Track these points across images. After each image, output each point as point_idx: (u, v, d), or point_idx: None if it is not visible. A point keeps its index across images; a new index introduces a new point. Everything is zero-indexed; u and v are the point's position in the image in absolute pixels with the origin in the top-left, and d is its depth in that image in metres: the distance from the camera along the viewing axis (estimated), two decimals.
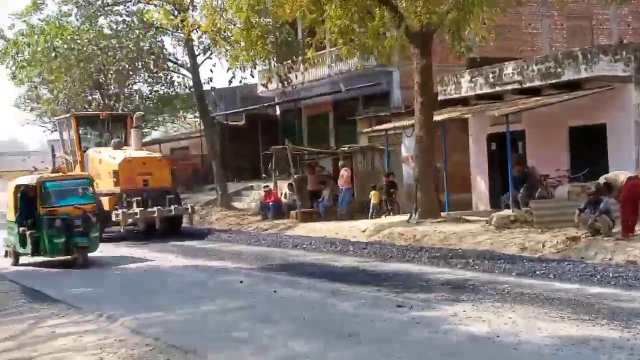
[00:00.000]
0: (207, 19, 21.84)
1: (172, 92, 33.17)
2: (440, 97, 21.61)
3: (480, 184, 21.38)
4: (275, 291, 10.98)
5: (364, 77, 27.70)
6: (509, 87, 19.64)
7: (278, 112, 34.94)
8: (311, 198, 23.48)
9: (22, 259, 16.30)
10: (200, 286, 12.07)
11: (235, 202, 28.63)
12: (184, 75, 31.77)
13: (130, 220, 20.94)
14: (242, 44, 20.99)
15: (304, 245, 17.55)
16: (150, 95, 33.50)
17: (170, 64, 31.58)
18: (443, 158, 20.38)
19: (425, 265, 13.29)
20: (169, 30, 29.25)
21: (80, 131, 24.39)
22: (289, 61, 26.05)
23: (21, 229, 15.55)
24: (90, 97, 31.84)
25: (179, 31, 27.91)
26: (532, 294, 9.67)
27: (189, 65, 29.50)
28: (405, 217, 19.03)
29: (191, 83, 30.26)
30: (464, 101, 21.56)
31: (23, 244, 15.65)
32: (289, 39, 25.45)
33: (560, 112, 18.09)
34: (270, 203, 23.55)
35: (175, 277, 13.52)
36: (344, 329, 8.05)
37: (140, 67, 30.65)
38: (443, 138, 20.35)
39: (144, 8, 29.98)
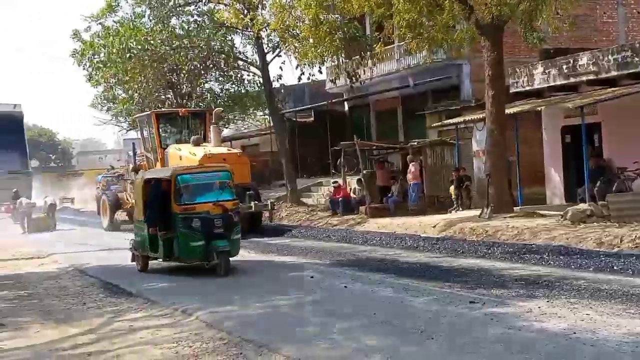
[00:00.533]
0: (276, 16, 22.09)
1: (242, 90, 33.57)
2: (512, 90, 21.24)
3: (555, 178, 20.90)
4: (345, 286, 11.01)
5: (433, 71, 27.42)
6: (584, 78, 19.12)
7: (346, 108, 34.93)
8: (380, 193, 23.43)
9: (152, 264, 14.62)
10: (272, 281, 12.22)
11: (305, 198, 28.81)
12: (253, 73, 32.14)
13: None
14: (311, 40, 21.15)
15: (374, 241, 17.51)
16: (221, 94, 33.98)
17: (240, 63, 31.97)
18: (515, 151, 20.03)
19: (498, 261, 13.09)
20: (238, 29, 29.60)
21: (160, 128, 24.39)
22: (357, 57, 26.03)
23: (151, 229, 13.61)
24: (163, 97, 32.51)
25: (249, 29, 28.27)
26: (609, 290, 9.41)
27: (258, 63, 29.84)
28: (477, 212, 18.78)
29: (261, 81, 30.58)
30: (536, 93, 21.12)
31: (153, 247, 13.74)
32: (357, 34, 25.39)
33: (638, 103, 17.50)
34: (340, 199, 23.60)
35: (247, 272, 13.69)
36: (416, 325, 8.01)
37: (211, 66, 31.17)
38: (515, 131, 19.98)
39: (214, 8, 30.42)
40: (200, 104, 31.79)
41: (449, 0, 17.75)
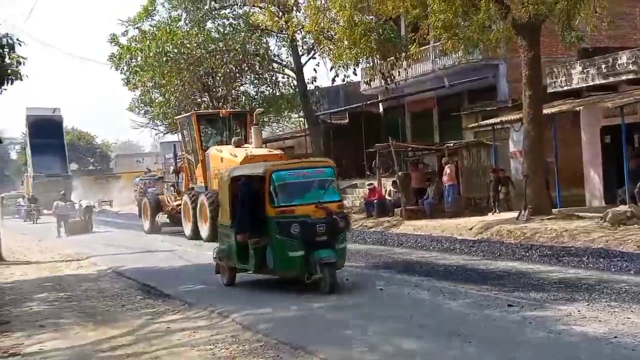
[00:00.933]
0: (310, 18, 22.16)
1: (277, 92, 33.71)
2: (549, 90, 21.01)
3: (594, 179, 20.58)
4: (381, 289, 10.97)
5: (468, 71, 27.23)
6: (623, 77, 18.84)
7: (381, 109, 34.86)
8: (416, 195, 23.31)
9: (240, 276, 12.52)
10: (307, 284, 12.19)
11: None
12: (288, 75, 32.29)
13: None
14: (345, 42, 21.14)
15: (410, 243, 17.43)
16: (256, 96, 34.20)
17: (275, 65, 32.14)
18: (553, 152, 19.78)
19: (536, 263, 12.91)
20: (273, 31, 29.78)
21: (201, 130, 24.19)
22: (392, 58, 25.96)
23: (240, 236, 11.57)
24: (199, 100, 32.79)
25: (284, 32, 28.39)
26: None
27: (293, 65, 29.96)
28: (514, 214, 18.57)
29: (295, 83, 30.68)
30: (575, 93, 20.85)
31: (242, 257, 11.73)
32: (392, 35, 25.33)
33: None
34: (375, 201, 23.54)
35: None
36: (453, 328, 7.94)
37: (246, 68, 31.40)
38: (553, 132, 19.75)
39: (249, 11, 30.63)
40: (236, 106, 32.00)
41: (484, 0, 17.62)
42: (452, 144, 24.25)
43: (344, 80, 27.66)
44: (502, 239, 16.30)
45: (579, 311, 8.42)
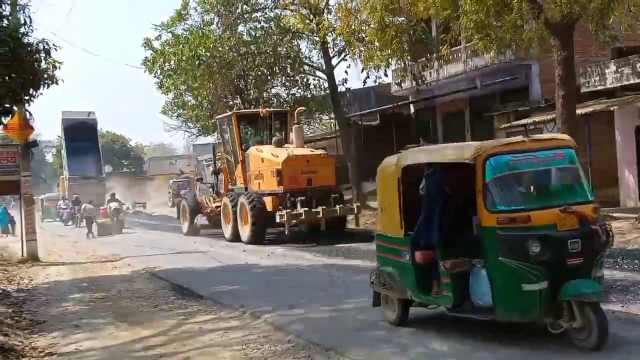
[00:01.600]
0: (341, 21, 22.17)
1: (308, 94, 33.77)
2: (583, 90, 20.76)
3: (629, 180, 20.31)
4: None
5: (500, 71, 27.01)
6: None
7: (412, 110, 34.75)
8: None
9: (414, 311, 8.68)
10: (339, 285, 12.22)
11: (371, 201, 28.74)
12: (319, 77, 32.36)
13: (294, 222, 19.85)
14: (377, 44, 21.12)
15: None
16: (287, 99, 34.31)
17: (306, 67, 32.21)
18: (587, 153, 19.54)
19: None
20: (304, 34, 29.85)
21: (240, 129, 23.63)
22: (423, 59, 25.87)
23: (420, 255, 7.94)
24: (231, 102, 33.00)
25: (315, 34, 28.47)
26: None
27: (324, 67, 30.01)
28: None
29: (326, 85, 30.73)
30: (609, 93, 20.58)
31: (424, 285, 7.98)
32: (423, 36, 25.27)
33: None
34: None
35: (314, 275, 13.76)
36: (485, 330, 7.89)
37: (277, 71, 31.53)
38: (587, 132, 19.51)
39: (281, 14, 30.76)
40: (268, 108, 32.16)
41: None
42: None
43: (375, 82, 27.63)
44: None
45: (613, 312, 8.31)
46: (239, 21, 30.51)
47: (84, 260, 19.72)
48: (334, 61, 29.56)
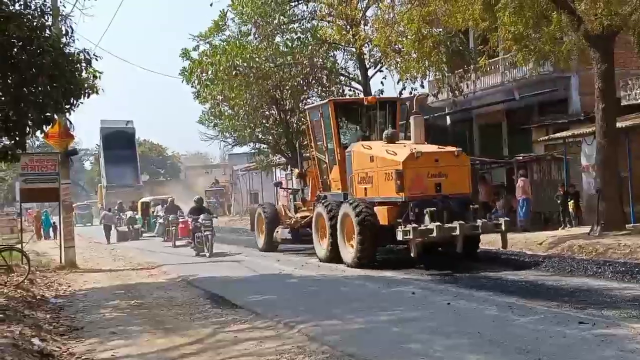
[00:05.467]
0: (378, 32, 22.17)
1: None
2: (623, 103, 20.47)
3: None
4: (449, 303, 10.84)
5: (539, 83, 26.76)
6: None
7: (449, 122, 34.57)
8: (484, 210, 22.94)
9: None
10: (374, 296, 12.18)
11: None
12: (355, 88, 32.38)
13: (420, 240, 14.97)
14: (414, 55, 21.06)
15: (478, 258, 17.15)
16: None
17: (342, 78, 32.28)
18: (627, 166, 19.24)
19: (608, 280, 12.57)
20: (341, 45, 29.94)
21: (338, 122, 19.11)
22: (460, 70, 25.73)
23: None
24: (267, 113, 33.20)
25: (351, 45, 28.52)
26: None
27: (360, 78, 30.04)
28: (586, 229, 18.12)
29: (362, 96, 30.73)
30: None
31: None
32: (461, 48, 25.14)
33: None
34: None
35: (349, 286, 13.72)
36: (522, 345, 7.79)
37: (313, 82, 31.63)
38: (627, 145, 19.21)
39: (317, 25, 30.90)
40: (303, 119, 32.27)
41: (556, 11, 17.33)
42: (521, 157, 23.83)
43: (411, 93, 27.55)
44: (573, 255, 15.92)
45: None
46: (276, 32, 30.73)
47: (121, 268, 19.94)
48: (370, 72, 29.62)
